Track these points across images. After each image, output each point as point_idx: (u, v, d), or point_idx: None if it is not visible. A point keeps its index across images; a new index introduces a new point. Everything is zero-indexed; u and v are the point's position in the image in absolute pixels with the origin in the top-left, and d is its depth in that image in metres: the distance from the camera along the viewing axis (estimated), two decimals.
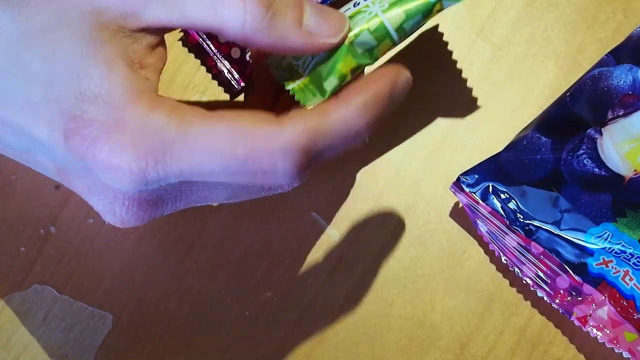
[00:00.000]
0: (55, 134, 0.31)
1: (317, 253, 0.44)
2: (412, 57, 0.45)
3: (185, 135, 0.31)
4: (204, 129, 0.31)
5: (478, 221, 0.43)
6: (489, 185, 0.42)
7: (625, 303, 0.40)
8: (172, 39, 0.44)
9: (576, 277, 0.41)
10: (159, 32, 0.33)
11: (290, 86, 0.35)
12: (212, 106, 0.33)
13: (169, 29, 0.33)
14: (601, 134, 0.42)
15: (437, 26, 0.45)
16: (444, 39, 0.45)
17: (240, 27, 0.32)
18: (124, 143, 0.30)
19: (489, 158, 0.43)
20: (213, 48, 0.43)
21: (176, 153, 0.31)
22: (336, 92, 0.34)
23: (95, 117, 0.30)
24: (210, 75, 0.44)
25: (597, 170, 0.42)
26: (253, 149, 0.31)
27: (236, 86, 0.43)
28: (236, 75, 0.43)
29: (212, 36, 0.43)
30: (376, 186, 0.44)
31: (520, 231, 0.41)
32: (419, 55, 0.45)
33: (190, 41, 0.44)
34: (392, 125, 0.45)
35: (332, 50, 0.34)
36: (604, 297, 0.41)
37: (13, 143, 0.33)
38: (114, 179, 0.31)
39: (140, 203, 0.33)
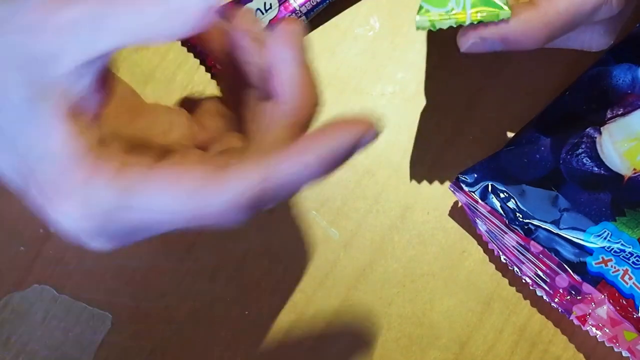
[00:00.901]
0: (18, 182, 0.31)
1: (316, 252, 0.44)
2: (412, 57, 0.45)
3: (131, 198, 0.30)
4: (150, 189, 0.30)
5: (477, 220, 0.43)
6: (488, 185, 0.42)
7: (624, 302, 0.40)
8: None
9: (575, 276, 0.41)
10: (91, 66, 0.31)
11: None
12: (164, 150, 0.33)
13: (103, 55, 0.31)
14: (600, 133, 0.42)
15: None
16: (445, 39, 0.45)
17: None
18: (74, 209, 0.30)
19: (488, 157, 0.43)
20: None
21: (124, 214, 0.31)
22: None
23: (44, 179, 0.30)
24: (209, 75, 0.44)
25: (596, 169, 0.42)
26: (200, 206, 0.31)
27: None
28: None
29: None
30: (376, 186, 0.44)
31: (520, 230, 0.41)
32: (419, 55, 0.45)
33: (190, 41, 0.44)
34: (391, 124, 0.45)
35: None
36: (603, 296, 0.41)
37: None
38: (71, 238, 0.31)
39: (109, 238, 0.33)
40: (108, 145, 0.31)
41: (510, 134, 0.43)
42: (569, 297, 0.41)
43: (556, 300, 0.42)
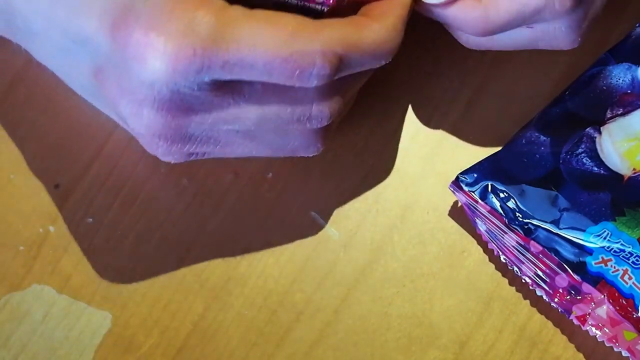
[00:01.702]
0: (104, 25, 0.33)
1: (316, 252, 0.44)
2: (412, 57, 0.45)
3: (232, 30, 0.32)
4: (248, 28, 0.32)
5: (477, 220, 0.43)
6: (488, 184, 0.42)
7: (624, 302, 0.40)
8: None
9: (575, 276, 0.41)
10: None
11: None
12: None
13: None
14: (600, 132, 0.42)
15: (438, 26, 0.44)
16: (445, 39, 0.44)
17: None
18: (170, 31, 0.32)
19: (487, 157, 0.43)
20: None
21: (220, 48, 0.32)
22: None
23: (144, 9, 0.32)
24: None
25: (596, 169, 0.42)
26: (294, 47, 0.33)
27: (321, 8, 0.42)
28: None
29: None
30: (375, 185, 0.44)
31: (519, 230, 0.41)
32: (419, 55, 0.45)
33: None
34: (391, 124, 0.45)
35: None
36: (603, 296, 0.41)
37: (58, 42, 0.35)
38: (151, 73, 0.32)
39: (170, 107, 0.34)
40: None
41: (510, 134, 0.43)
42: (568, 297, 0.41)
43: (556, 300, 0.42)
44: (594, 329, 0.41)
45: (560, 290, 0.41)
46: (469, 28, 0.38)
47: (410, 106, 0.45)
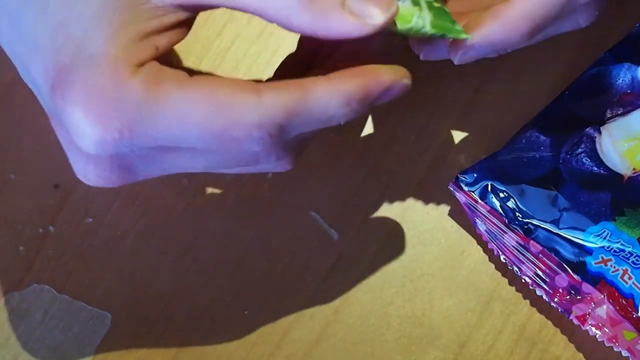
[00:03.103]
0: (47, 81, 0.31)
1: (316, 252, 0.44)
2: (412, 56, 0.45)
3: (160, 106, 0.31)
4: (179, 100, 0.31)
5: (477, 220, 0.43)
6: (487, 184, 0.42)
7: (624, 302, 0.40)
8: None
9: (575, 276, 0.41)
10: (193, 9, 0.33)
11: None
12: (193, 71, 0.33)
13: (203, 8, 0.33)
14: (600, 132, 0.42)
15: None
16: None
17: (282, 4, 0.31)
18: (98, 112, 0.30)
19: (487, 157, 0.43)
20: None
21: (150, 123, 0.31)
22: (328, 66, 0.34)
23: (81, 76, 0.31)
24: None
25: (595, 168, 0.42)
26: (228, 121, 0.31)
27: None
28: None
29: None
30: (375, 185, 0.44)
31: (519, 230, 0.41)
32: (418, 55, 0.45)
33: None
34: (391, 124, 0.45)
35: None
36: (602, 296, 0.41)
37: (23, 75, 0.34)
38: (84, 146, 0.31)
39: (112, 166, 0.33)
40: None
41: (510, 134, 0.43)
42: (568, 297, 0.41)
43: (556, 300, 0.42)
44: (594, 328, 0.41)
45: (560, 290, 0.41)
46: (514, 38, 0.35)
47: (409, 106, 0.45)
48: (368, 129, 0.45)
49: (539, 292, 0.42)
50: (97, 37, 0.31)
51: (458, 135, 0.45)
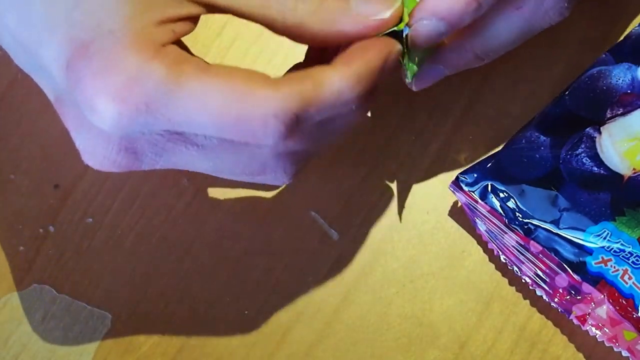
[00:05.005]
0: (60, 59, 0.32)
1: (315, 252, 0.44)
2: None
3: (180, 88, 0.31)
4: (199, 84, 0.31)
5: (477, 220, 0.43)
6: (487, 184, 0.42)
7: (624, 302, 0.40)
8: None
9: (575, 276, 0.41)
10: (203, 8, 0.33)
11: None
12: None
13: (213, 10, 0.34)
14: (600, 132, 0.42)
15: None
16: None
17: (291, 14, 0.33)
18: (117, 83, 0.31)
19: (487, 157, 0.43)
20: None
21: (168, 103, 0.31)
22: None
23: (100, 51, 0.31)
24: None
25: (596, 169, 0.42)
26: (245, 109, 0.31)
27: None
28: None
29: None
30: (375, 185, 0.44)
31: (519, 230, 0.41)
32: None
33: None
34: (391, 124, 0.45)
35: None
36: (602, 296, 0.41)
37: (23, 62, 0.34)
38: (98, 120, 0.32)
39: (120, 149, 0.33)
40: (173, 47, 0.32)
41: (510, 134, 0.43)
42: (568, 297, 0.41)
43: (556, 300, 0.42)
44: (594, 328, 0.41)
45: (560, 290, 0.41)
46: (460, 9, 0.36)
47: (409, 106, 0.45)
48: (368, 129, 0.45)
49: (539, 292, 0.42)
50: (118, 15, 0.31)
51: (458, 135, 0.45)
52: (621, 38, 0.44)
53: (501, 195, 0.42)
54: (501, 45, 0.39)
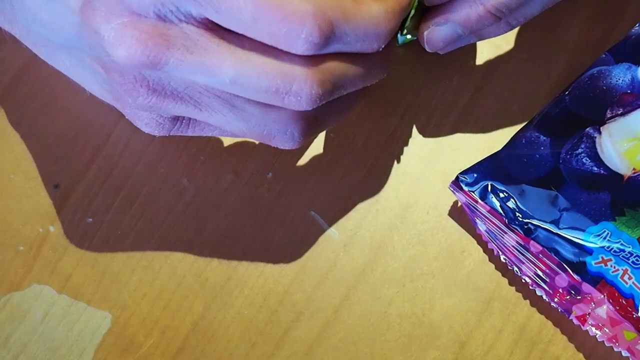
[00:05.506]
0: (76, 6, 0.33)
1: (315, 252, 0.44)
2: (411, 56, 0.45)
3: None
4: None
5: (477, 220, 0.43)
6: (487, 184, 0.42)
7: (624, 302, 0.40)
8: None
9: (575, 276, 0.41)
10: None
11: None
12: None
13: None
14: (600, 132, 0.42)
15: None
16: None
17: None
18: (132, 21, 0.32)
19: (487, 157, 0.43)
20: None
21: None
22: None
23: None
24: None
25: (595, 169, 0.42)
26: (283, 5, 0.32)
27: None
28: None
29: None
30: (375, 185, 0.44)
31: (519, 230, 0.41)
32: (418, 54, 0.45)
33: None
34: (391, 124, 0.45)
35: None
36: (602, 296, 0.41)
37: (36, 36, 0.36)
38: (118, 52, 0.33)
39: (142, 83, 0.34)
40: None
41: (510, 134, 0.43)
42: (568, 297, 0.41)
43: (556, 300, 0.42)
44: (593, 328, 0.41)
45: (560, 290, 0.41)
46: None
47: (409, 106, 0.45)
48: (368, 129, 0.45)
49: (539, 292, 0.42)
50: None
51: (458, 135, 0.45)
52: (621, 38, 0.44)
53: (501, 195, 0.42)
54: (525, 15, 0.39)
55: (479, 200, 0.42)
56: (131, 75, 0.34)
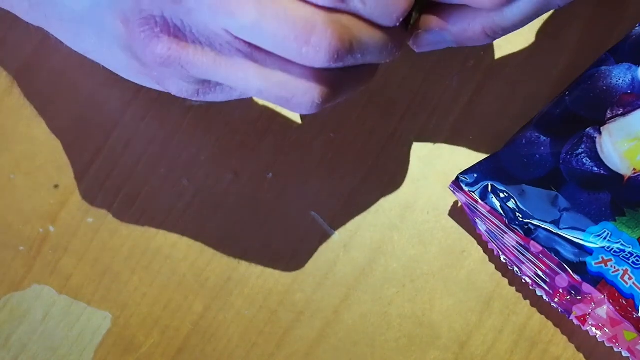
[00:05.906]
0: None
1: (315, 252, 0.44)
2: (412, 56, 0.45)
3: None
4: None
5: (477, 220, 0.43)
6: (488, 184, 0.42)
7: (624, 302, 0.40)
8: None
9: (575, 276, 0.41)
10: None
11: None
12: None
13: None
14: (600, 132, 0.42)
15: None
16: None
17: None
18: None
19: (488, 157, 0.43)
20: None
21: None
22: None
23: None
24: None
25: (596, 169, 0.42)
26: None
27: None
28: None
29: None
30: (375, 185, 0.44)
31: (519, 230, 0.41)
32: (418, 54, 0.45)
33: None
34: (391, 124, 0.45)
35: None
36: (603, 296, 0.41)
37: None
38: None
39: (163, 28, 0.35)
40: None
41: (510, 134, 0.43)
42: (568, 297, 0.41)
43: (556, 300, 0.42)
44: (594, 329, 0.41)
45: (560, 290, 0.41)
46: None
47: (410, 106, 0.45)
48: (368, 129, 0.45)
49: (539, 292, 0.42)
50: None
51: (458, 135, 0.45)
52: (621, 38, 0.44)
53: (501, 195, 0.42)
54: (511, 19, 0.38)
55: (479, 201, 0.42)
56: (152, 19, 0.35)
